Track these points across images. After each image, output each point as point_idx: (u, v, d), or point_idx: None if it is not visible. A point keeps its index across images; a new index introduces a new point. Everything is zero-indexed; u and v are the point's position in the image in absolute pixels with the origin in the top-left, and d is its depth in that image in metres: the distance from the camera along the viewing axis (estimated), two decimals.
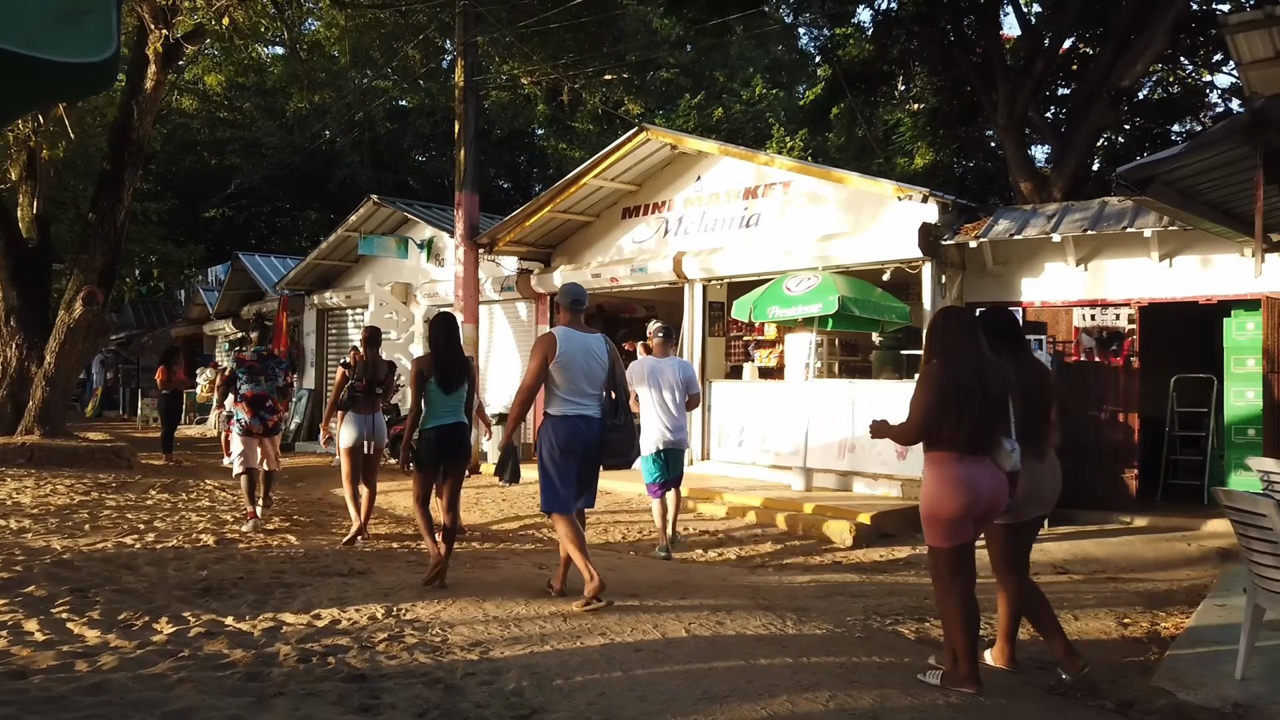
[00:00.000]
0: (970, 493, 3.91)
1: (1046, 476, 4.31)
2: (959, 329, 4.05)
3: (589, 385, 5.22)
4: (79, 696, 3.72)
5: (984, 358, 3.98)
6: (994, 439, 3.92)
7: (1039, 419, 4.23)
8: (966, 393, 3.88)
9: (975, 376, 3.90)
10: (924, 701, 3.79)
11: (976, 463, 3.91)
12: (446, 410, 5.90)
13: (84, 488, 9.51)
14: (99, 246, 12.60)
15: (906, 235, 9.29)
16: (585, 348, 5.22)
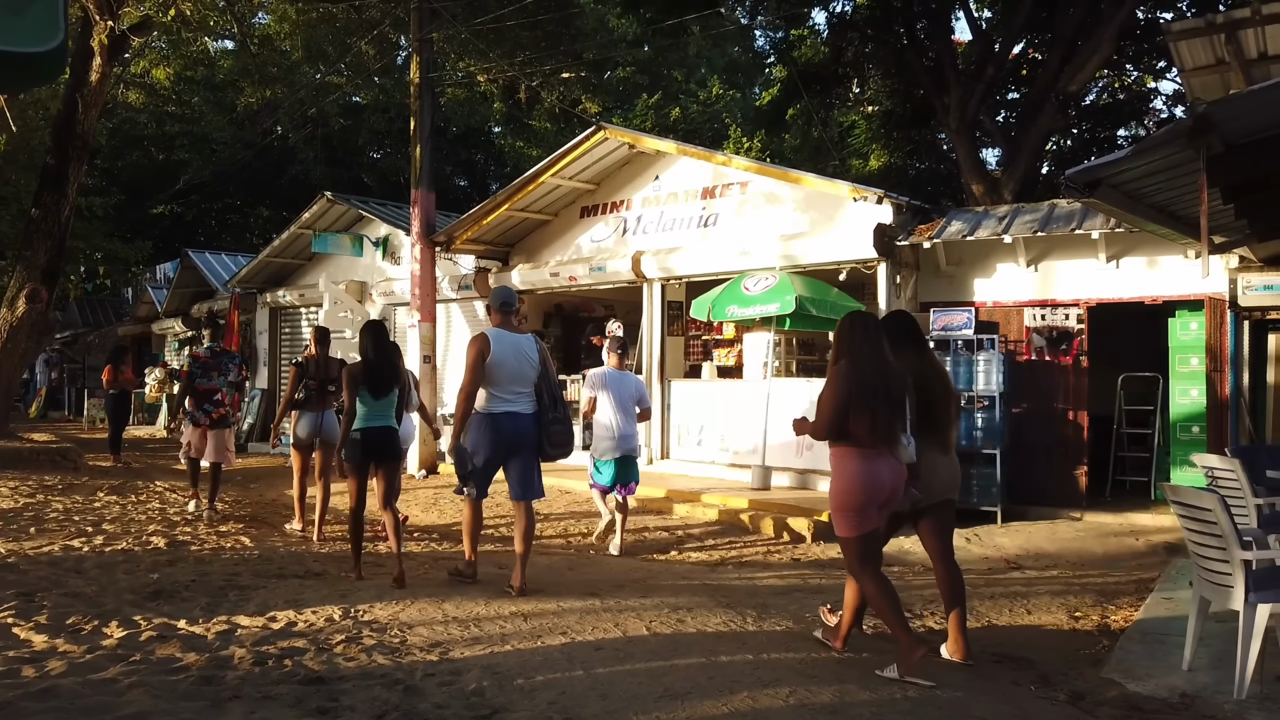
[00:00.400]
0: (873, 484, 4.20)
1: (944, 467, 4.60)
2: (864, 333, 4.33)
3: (519, 384, 5.51)
4: (26, 703, 3.62)
5: (886, 360, 4.30)
6: (894, 434, 4.21)
7: (941, 414, 4.56)
8: (872, 393, 4.18)
9: (879, 378, 4.21)
10: (882, 696, 3.84)
11: (879, 456, 4.20)
12: (374, 415, 6.03)
13: (29, 490, 9.26)
14: (42, 243, 12.25)
15: (862, 236, 9.40)
16: (516, 348, 5.51)
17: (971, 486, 8.85)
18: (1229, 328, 8.53)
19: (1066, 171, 5.25)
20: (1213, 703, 3.95)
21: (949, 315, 9.30)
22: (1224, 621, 4.53)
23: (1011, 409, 9.14)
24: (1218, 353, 8.63)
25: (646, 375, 11.44)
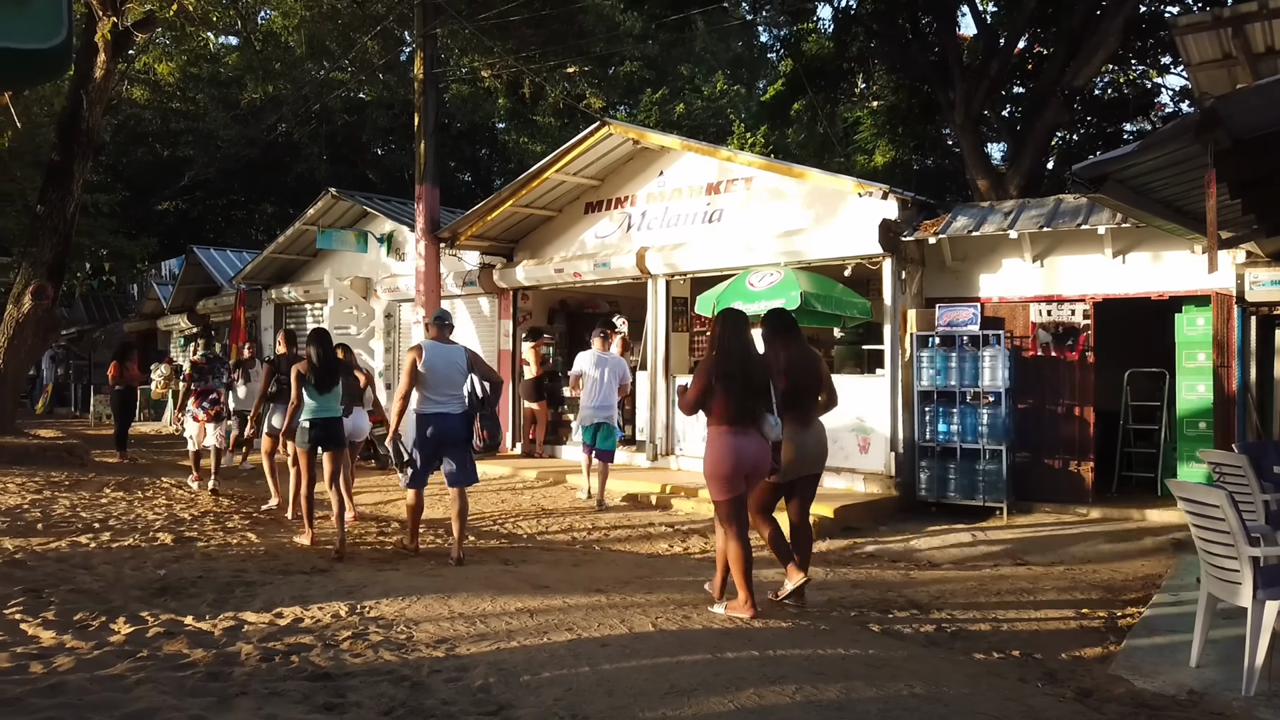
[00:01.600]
0: (738, 457, 4.95)
1: (811, 443, 5.40)
2: (733, 330, 5.09)
3: (449, 388, 6.50)
4: (35, 699, 3.63)
5: (749, 353, 5.07)
6: (758, 415, 4.96)
7: (807, 397, 5.39)
8: (732, 380, 4.95)
9: (740, 368, 4.98)
10: (889, 692, 3.84)
11: (744, 433, 4.96)
12: (321, 407, 7.03)
13: (36, 486, 9.28)
14: (48, 239, 12.28)
15: (867, 231, 9.38)
16: (447, 358, 6.54)
17: (977, 483, 8.85)
18: (1236, 323, 8.49)
19: (1074, 166, 5.23)
20: (1221, 699, 3.94)
21: (954, 311, 9.27)
22: (1232, 618, 4.52)
23: (1017, 405, 9.12)
24: (1225, 348, 8.60)
25: (651, 371, 11.44)
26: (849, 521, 8.40)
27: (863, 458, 9.51)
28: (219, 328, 19.59)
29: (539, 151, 22.87)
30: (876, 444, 9.44)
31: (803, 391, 5.37)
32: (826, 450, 5.57)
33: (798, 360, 5.40)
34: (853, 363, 11.16)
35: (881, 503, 9.04)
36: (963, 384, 9.00)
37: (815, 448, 5.43)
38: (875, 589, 6.13)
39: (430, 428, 6.48)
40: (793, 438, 5.22)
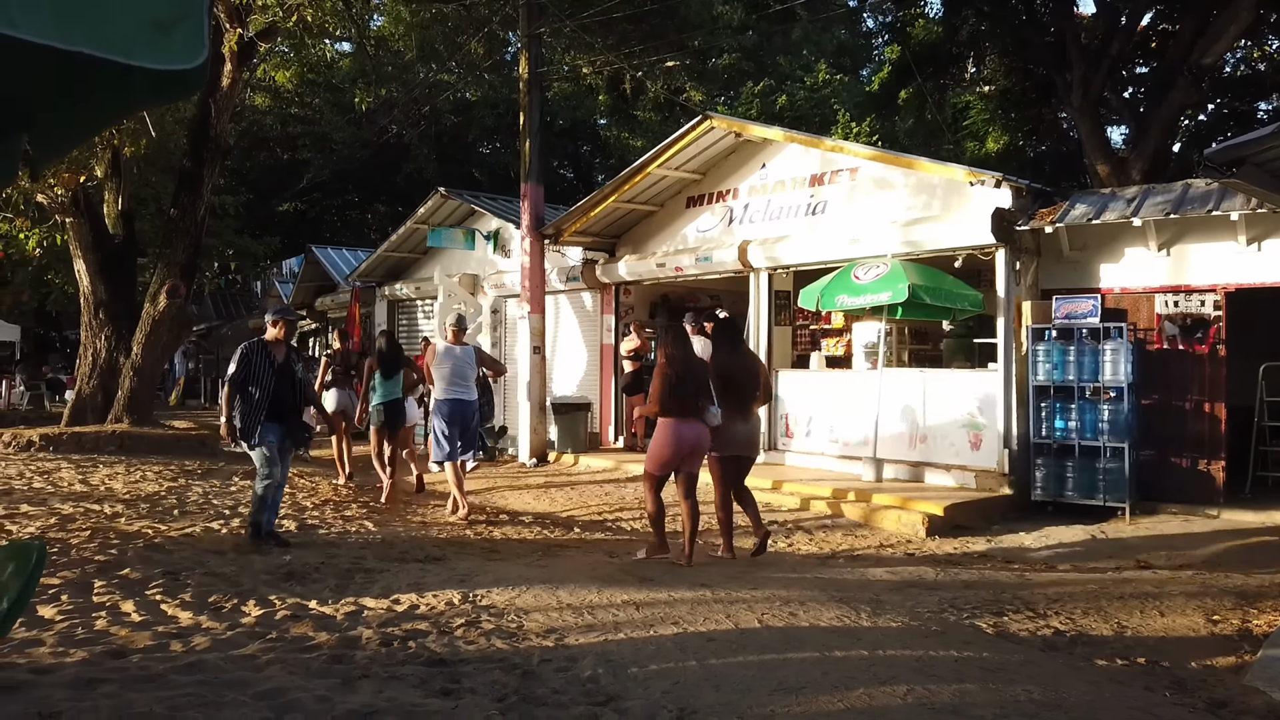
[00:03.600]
0: (680, 443, 6.29)
1: (744, 431, 6.62)
2: (677, 341, 6.43)
3: (461, 379, 8.18)
4: (175, 675, 3.87)
5: (691, 359, 6.40)
6: (701, 407, 6.29)
7: (747, 393, 6.61)
8: (681, 382, 6.23)
9: (686, 371, 6.28)
10: (1005, 697, 3.73)
11: (686, 423, 6.28)
12: (386, 392, 9.03)
13: (171, 474, 9.87)
14: (180, 241, 13.01)
15: (979, 221, 9.10)
16: (456, 355, 8.21)
17: (1097, 482, 8.48)
18: None
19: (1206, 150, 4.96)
20: None
21: (1073, 303, 8.90)
22: None
23: (1141, 401, 8.69)
24: None
25: None
26: (959, 520, 8.18)
27: (974, 454, 9.24)
28: (335, 323, 20.40)
29: (639, 147, 22.98)
30: (989, 440, 9.16)
31: (744, 389, 6.59)
32: (759, 438, 7.08)
33: (740, 363, 6.70)
34: (962, 356, 10.85)
35: (994, 501, 8.77)
36: (1081, 379, 8.63)
37: (751, 434, 6.75)
38: (988, 590, 5.95)
39: (451, 411, 8.13)
40: (733, 425, 6.47)
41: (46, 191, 12.89)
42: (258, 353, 6.75)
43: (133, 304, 14.08)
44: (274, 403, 6.64)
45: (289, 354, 6.94)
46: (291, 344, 7.09)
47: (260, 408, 6.60)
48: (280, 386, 6.70)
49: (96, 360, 13.72)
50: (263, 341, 6.85)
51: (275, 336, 6.86)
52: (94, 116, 2.62)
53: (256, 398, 6.61)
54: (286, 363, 6.83)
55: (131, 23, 1.81)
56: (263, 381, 6.64)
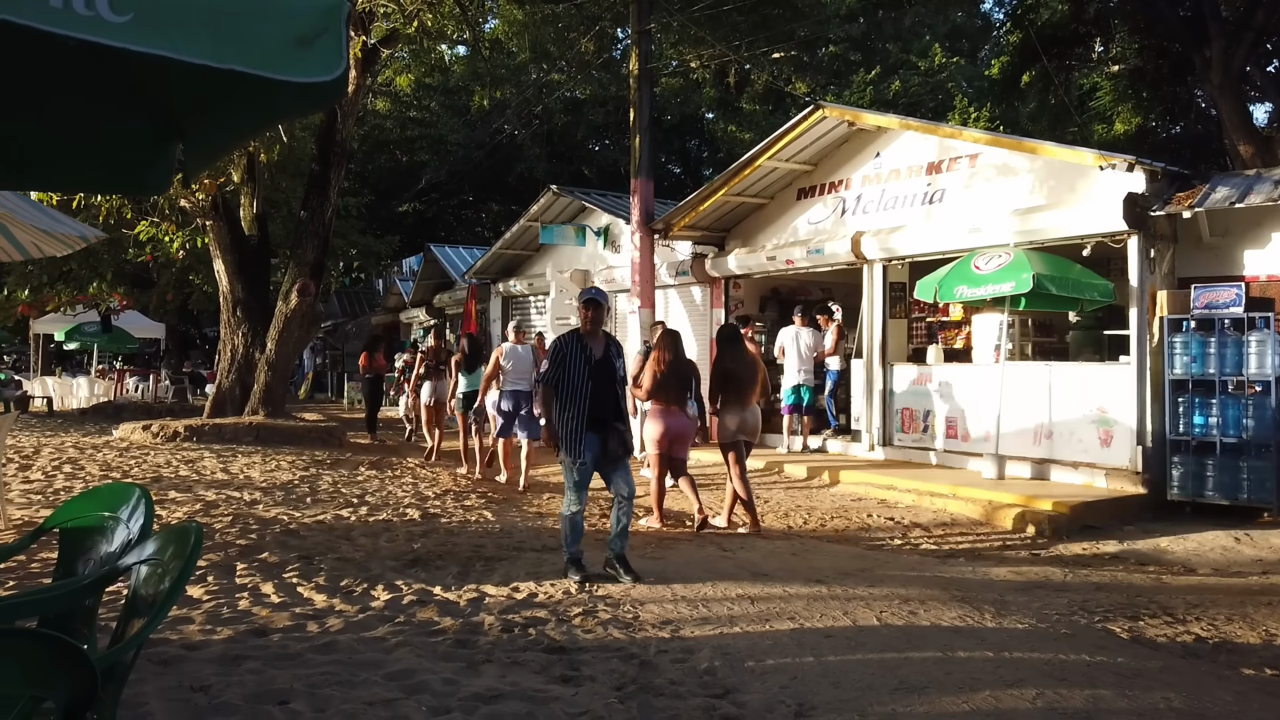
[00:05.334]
0: (666, 427, 7.22)
1: (748, 418, 7.42)
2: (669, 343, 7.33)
3: (520, 374, 9.45)
4: (312, 655, 4.08)
5: (680, 359, 7.23)
6: (684, 399, 7.23)
7: (747, 387, 7.41)
8: (667, 378, 7.13)
9: (673, 369, 7.15)
10: (1142, 704, 3.57)
11: (668, 411, 7.21)
12: (469, 383, 10.43)
13: (303, 464, 10.37)
14: (310, 242, 13.64)
15: (1109, 207, 8.68)
16: (518, 354, 9.53)
17: (1241, 481, 7.97)
18: None
19: None
20: None
21: (1213, 292, 8.39)
22: None
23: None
24: None
25: (867, 359, 11.17)
26: (1088, 520, 7.83)
27: (1104, 452, 8.83)
28: (453, 320, 21.04)
29: (747, 140, 22.84)
30: (1120, 437, 8.74)
31: (742, 384, 7.41)
32: (760, 425, 7.66)
33: (740, 363, 7.48)
34: (1091, 349, 10.37)
35: (1126, 501, 8.36)
36: (1223, 372, 8.13)
37: (751, 421, 7.48)
38: (1121, 593, 5.69)
39: (509, 399, 9.45)
40: (736, 414, 7.38)
41: (189, 197, 13.71)
42: (571, 347, 5.67)
43: (267, 302, 14.84)
44: (592, 407, 5.58)
45: (608, 348, 5.78)
46: (612, 336, 5.99)
47: (577, 414, 5.55)
48: (599, 388, 5.63)
49: (234, 356, 14.53)
50: (577, 333, 5.77)
51: (585, 328, 5.76)
52: (242, 127, 2.79)
53: (572, 401, 5.58)
54: (605, 358, 5.71)
55: (279, 40, 1.92)
56: (578, 382, 5.59)
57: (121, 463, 9.93)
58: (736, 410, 7.40)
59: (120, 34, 1.71)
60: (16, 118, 2.75)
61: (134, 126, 2.72)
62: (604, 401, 5.65)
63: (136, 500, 3.03)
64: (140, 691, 3.49)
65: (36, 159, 2.86)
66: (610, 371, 5.70)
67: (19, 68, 2.52)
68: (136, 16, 1.73)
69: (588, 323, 5.75)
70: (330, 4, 1.98)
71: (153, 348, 30.60)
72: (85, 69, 2.45)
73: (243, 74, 1.85)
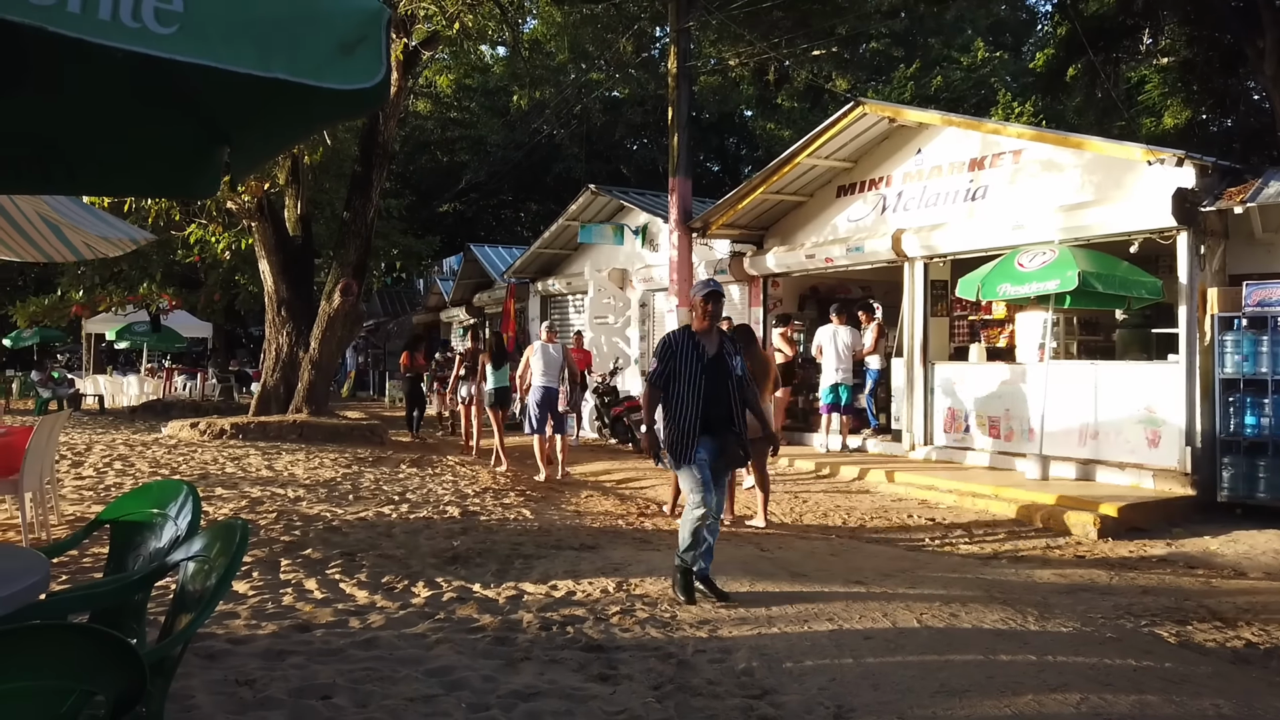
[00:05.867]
0: None
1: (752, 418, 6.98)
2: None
3: (551, 370, 10.02)
4: (354, 650, 4.14)
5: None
6: None
7: (761, 383, 7.36)
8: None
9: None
10: (1190, 710, 3.50)
11: None
12: (497, 380, 10.93)
13: (345, 462, 10.53)
14: (352, 242, 13.83)
15: (1157, 203, 8.50)
16: (549, 353, 10.09)
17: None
18: None
19: None
20: None
21: (1267, 289, 8.17)
22: None
23: None
24: None
25: (908, 357, 11.06)
26: (1135, 522, 7.69)
27: (1151, 452, 8.65)
28: (492, 318, 21.19)
29: (786, 137, 22.71)
30: (1168, 437, 8.56)
31: (756, 381, 7.13)
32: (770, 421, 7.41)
33: (754, 360, 7.30)
34: (1138, 348, 10.17)
35: (1174, 502, 8.19)
36: (1276, 371, 7.93)
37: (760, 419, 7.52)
38: (1169, 596, 5.58)
39: (542, 395, 9.93)
40: None
41: (236, 199, 13.96)
42: (682, 344, 5.21)
43: (311, 302, 15.07)
44: (706, 409, 5.11)
45: (723, 344, 5.30)
46: (727, 333, 5.49)
47: (689, 416, 5.10)
48: (713, 388, 5.15)
49: (279, 355, 14.77)
50: (688, 329, 5.32)
51: (699, 323, 5.28)
52: (285, 134, 2.84)
53: (682, 403, 5.11)
54: (720, 356, 5.22)
55: (321, 48, 1.96)
56: (690, 381, 5.12)
57: (170, 460, 10.15)
58: None
59: (166, 45, 1.75)
60: (70, 126, 2.83)
61: (182, 133, 2.78)
62: (718, 403, 5.15)
63: (184, 497, 3.10)
64: (188, 685, 3.57)
65: (88, 165, 2.94)
66: (725, 371, 5.20)
67: (72, 79, 2.59)
68: (182, 27, 1.77)
69: (705, 317, 5.23)
70: (371, 11, 2.01)
71: (200, 347, 31.24)
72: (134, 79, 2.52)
73: (286, 82, 1.88)
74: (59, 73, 2.54)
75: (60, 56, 2.38)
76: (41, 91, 2.59)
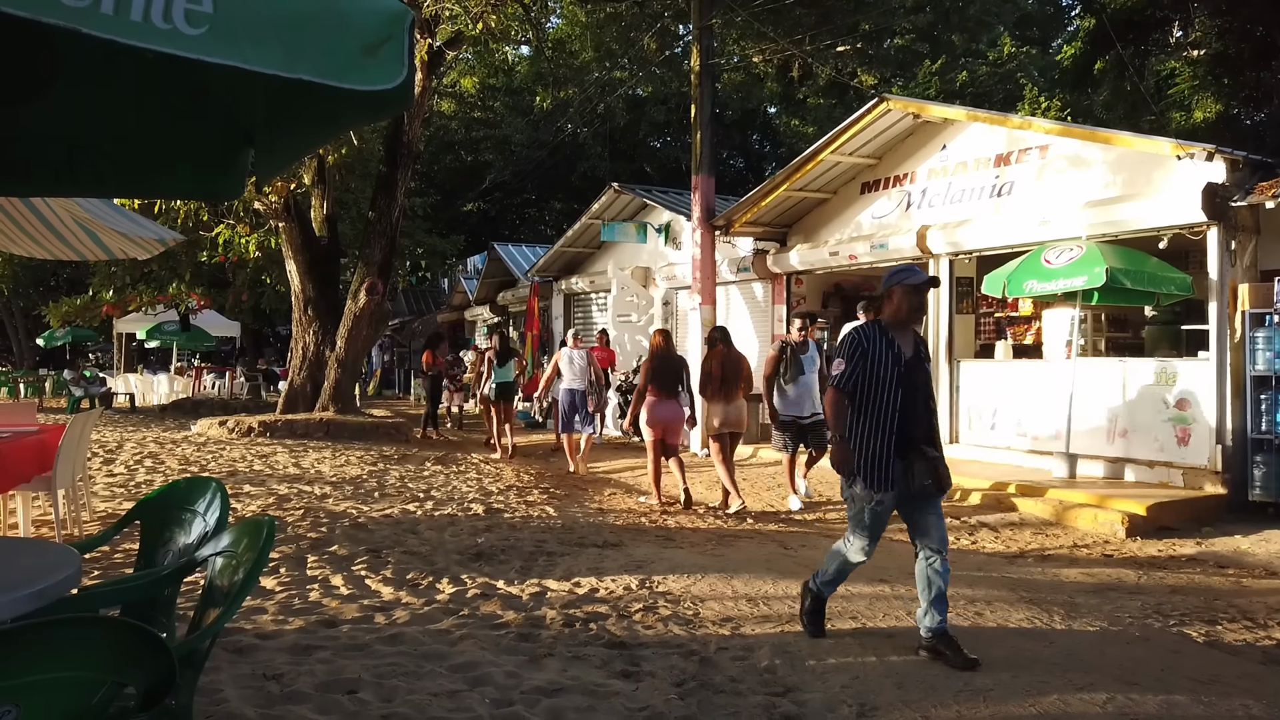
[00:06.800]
0: (657, 414, 8.35)
1: (734, 411, 8.22)
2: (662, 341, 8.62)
3: (578, 374, 10.74)
4: (379, 646, 4.18)
5: (670, 356, 8.57)
6: (675, 391, 8.43)
7: (733, 384, 8.18)
8: (659, 373, 8.37)
9: (664, 365, 8.43)
10: (1219, 711, 3.46)
11: (662, 402, 8.36)
12: (502, 375, 12.00)
13: (371, 459, 10.62)
14: (378, 241, 13.93)
15: (1187, 198, 8.39)
16: (574, 359, 10.83)
17: None
18: None
19: None
20: None
21: None
22: None
23: None
24: None
25: (934, 355, 10.98)
26: (1164, 520, 7.59)
27: (1181, 450, 8.54)
28: (516, 317, 21.28)
29: (810, 134, 22.61)
30: (1198, 435, 8.45)
31: (729, 380, 8.18)
32: (745, 418, 8.44)
33: (727, 360, 8.24)
34: (1167, 344, 10.04)
35: (1204, 501, 8.08)
36: None
37: (734, 415, 8.24)
38: (1198, 596, 5.51)
39: (569, 397, 10.63)
40: (720, 409, 8.19)
41: (263, 200, 14.11)
42: (875, 342, 4.17)
43: (337, 301, 15.20)
44: (902, 424, 4.12)
45: (918, 346, 4.29)
46: (920, 337, 4.38)
47: (880, 435, 4.11)
48: (910, 400, 4.15)
49: (306, 353, 14.91)
50: (879, 325, 4.25)
51: (893, 314, 4.21)
52: (309, 135, 2.87)
53: (875, 416, 4.13)
54: (916, 359, 4.22)
55: (346, 50, 1.98)
56: (884, 389, 4.12)
57: (199, 457, 10.29)
58: (720, 406, 8.21)
59: (196, 46, 1.78)
60: (99, 128, 2.87)
61: (209, 134, 2.82)
62: (913, 417, 4.15)
63: (213, 494, 3.14)
64: (216, 679, 3.62)
65: (117, 167, 2.99)
66: (922, 377, 4.25)
67: (102, 81, 2.63)
68: (211, 29, 1.79)
69: (905, 311, 4.19)
70: (395, 12, 2.03)
71: (228, 346, 31.60)
72: (163, 81, 2.56)
73: (310, 83, 1.91)
74: (90, 75, 2.58)
75: (92, 59, 2.42)
76: (72, 93, 2.64)
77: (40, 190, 4.11)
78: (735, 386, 8.20)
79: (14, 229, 5.80)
